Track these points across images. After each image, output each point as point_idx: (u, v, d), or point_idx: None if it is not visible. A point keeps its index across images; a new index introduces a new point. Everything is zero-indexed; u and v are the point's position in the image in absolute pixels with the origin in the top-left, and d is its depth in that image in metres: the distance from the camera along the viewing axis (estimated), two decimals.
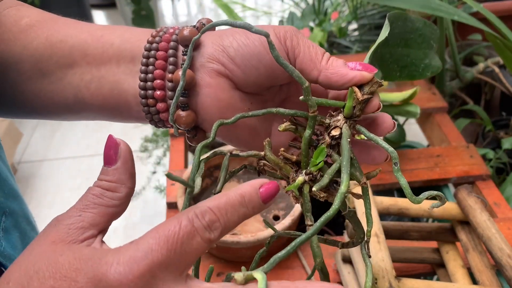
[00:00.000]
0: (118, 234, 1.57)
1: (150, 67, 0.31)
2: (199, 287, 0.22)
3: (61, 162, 1.90)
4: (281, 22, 1.46)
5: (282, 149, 0.31)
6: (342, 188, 0.27)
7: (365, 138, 0.31)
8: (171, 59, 0.31)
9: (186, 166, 0.84)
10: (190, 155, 0.93)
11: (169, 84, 0.32)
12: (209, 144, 0.32)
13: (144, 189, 1.60)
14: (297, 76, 0.28)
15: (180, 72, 0.30)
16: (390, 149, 0.29)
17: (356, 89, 0.30)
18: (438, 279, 0.59)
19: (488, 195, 0.73)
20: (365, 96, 0.31)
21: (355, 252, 0.55)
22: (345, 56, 1.10)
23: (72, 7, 2.48)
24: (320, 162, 0.30)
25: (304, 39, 0.31)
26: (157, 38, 0.32)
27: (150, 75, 0.31)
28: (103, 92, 0.34)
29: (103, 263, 0.21)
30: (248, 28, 0.27)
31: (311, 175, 0.30)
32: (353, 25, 1.52)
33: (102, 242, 0.25)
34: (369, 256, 0.32)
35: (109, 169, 0.27)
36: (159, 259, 0.21)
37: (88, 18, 2.61)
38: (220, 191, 0.30)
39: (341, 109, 0.32)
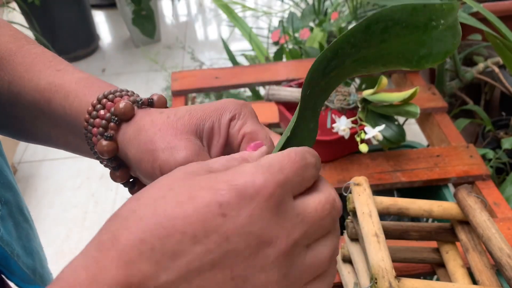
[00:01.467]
0: None
1: (94, 150, 0.34)
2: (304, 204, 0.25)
3: (61, 162, 1.91)
4: (280, 22, 1.46)
5: None
6: None
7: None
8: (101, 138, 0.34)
9: None
10: None
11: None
12: None
13: None
14: None
15: (116, 173, 0.34)
16: None
17: None
18: (438, 279, 0.59)
19: (488, 195, 0.73)
20: None
21: (355, 252, 0.55)
22: None
23: (72, 7, 2.48)
24: None
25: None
26: (89, 128, 0.33)
27: (97, 155, 0.34)
28: (71, 146, 0.38)
29: (242, 173, 0.23)
30: None
31: None
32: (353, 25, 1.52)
33: None
34: None
35: (252, 150, 0.29)
36: (290, 177, 0.24)
37: (88, 18, 2.62)
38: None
39: None
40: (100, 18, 3.09)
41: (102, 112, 0.33)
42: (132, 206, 0.22)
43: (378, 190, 0.81)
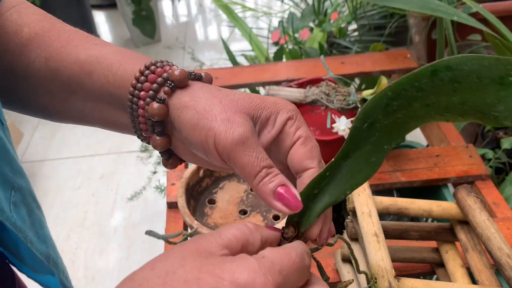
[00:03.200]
0: (118, 234, 1.57)
1: (136, 119, 0.35)
2: None
3: (62, 162, 1.91)
4: (280, 22, 1.46)
5: None
6: None
7: None
8: (149, 121, 0.34)
9: (186, 166, 0.85)
10: None
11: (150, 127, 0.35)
12: None
13: (145, 189, 1.60)
14: None
15: (156, 138, 0.35)
16: None
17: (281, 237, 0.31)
18: (437, 279, 0.59)
19: (487, 195, 0.74)
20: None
21: (355, 252, 0.55)
22: (345, 57, 1.10)
23: (72, 7, 2.48)
24: None
25: (242, 155, 0.31)
26: (136, 92, 0.34)
27: (138, 125, 0.35)
28: (107, 120, 0.38)
29: (245, 269, 0.24)
30: None
31: None
32: (353, 26, 1.52)
33: None
34: None
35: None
36: (287, 279, 0.25)
37: (88, 18, 2.61)
38: None
39: None
40: (100, 18, 3.09)
41: (152, 76, 0.33)
42: (146, 274, 0.25)
43: (378, 190, 0.81)
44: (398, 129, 0.30)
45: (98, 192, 1.76)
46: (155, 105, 0.33)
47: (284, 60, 1.34)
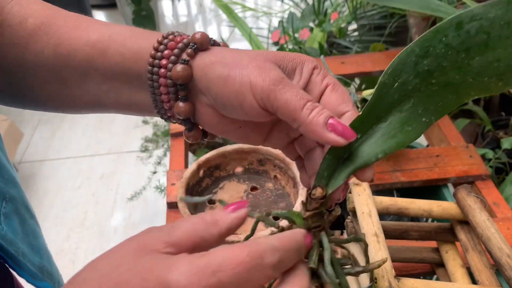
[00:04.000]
0: (118, 234, 1.57)
1: (157, 90, 0.34)
2: None
3: (62, 162, 1.91)
4: (280, 22, 1.46)
5: None
6: None
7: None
8: (171, 89, 0.34)
9: (186, 166, 0.84)
10: (190, 155, 0.93)
11: (172, 102, 0.34)
12: (209, 144, 0.33)
13: (145, 189, 1.60)
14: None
15: (179, 104, 0.33)
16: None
17: (301, 206, 0.30)
18: (437, 279, 0.59)
19: (487, 195, 0.74)
20: (308, 214, 0.30)
21: (355, 252, 0.55)
22: (345, 57, 1.10)
23: (72, 7, 2.47)
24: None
25: (283, 92, 0.30)
26: (156, 62, 0.33)
27: (158, 97, 0.34)
28: (122, 101, 0.37)
29: (174, 269, 0.23)
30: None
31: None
32: (353, 26, 1.52)
33: None
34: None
35: (228, 212, 0.27)
36: (224, 281, 0.23)
37: None
38: None
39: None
40: (100, 18, 3.07)
41: (172, 43, 0.33)
42: (86, 275, 0.24)
43: (378, 190, 0.81)
44: (435, 102, 0.28)
45: (98, 192, 1.76)
46: (179, 67, 0.32)
47: None
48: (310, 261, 0.29)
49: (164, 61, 0.33)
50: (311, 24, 1.49)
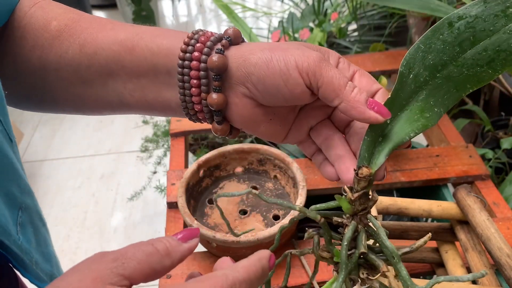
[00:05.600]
0: (118, 234, 1.57)
1: (186, 84, 0.34)
2: None
3: (62, 162, 1.91)
4: (280, 22, 1.46)
5: (319, 250, 0.35)
6: None
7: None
8: (203, 81, 0.34)
9: (186, 166, 0.85)
10: (190, 155, 0.93)
11: (204, 101, 0.34)
12: (209, 144, 0.33)
13: (145, 189, 1.60)
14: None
15: (213, 96, 0.33)
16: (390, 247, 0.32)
17: (347, 190, 0.32)
18: None
19: (487, 195, 0.74)
20: (357, 195, 0.32)
21: None
22: (345, 57, 1.10)
23: (72, 7, 2.47)
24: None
25: (327, 69, 0.31)
26: (187, 55, 0.33)
27: (187, 91, 0.34)
28: (147, 99, 0.36)
29: None
30: None
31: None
32: (353, 26, 1.52)
33: None
34: None
35: (179, 243, 0.27)
36: None
37: None
38: None
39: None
40: None
41: (203, 38, 0.33)
42: None
43: (378, 190, 0.81)
44: (442, 94, 0.32)
45: (98, 192, 1.76)
46: (215, 56, 0.32)
47: None
48: (360, 246, 0.31)
49: (196, 53, 0.33)
50: (311, 24, 1.49)
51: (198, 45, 0.33)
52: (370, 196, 0.33)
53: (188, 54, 0.33)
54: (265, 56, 0.32)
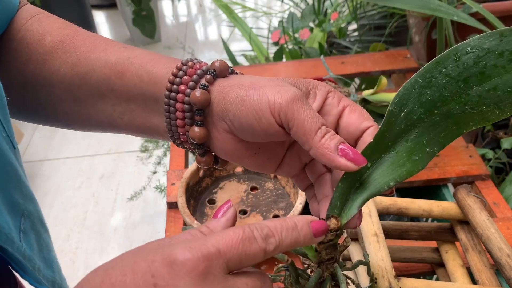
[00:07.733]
0: (118, 234, 1.57)
1: (172, 115, 0.34)
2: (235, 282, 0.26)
3: (62, 162, 1.91)
4: (280, 22, 1.46)
5: (289, 284, 0.35)
6: None
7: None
8: (187, 114, 0.34)
9: (186, 166, 0.85)
10: (190, 155, 0.93)
11: (188, 132, 0.35)
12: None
13: (145, 189, 1.60)
14: None
15: (195, 129, 0.34)
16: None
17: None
18: (437, 279, 0.59)
19: (487, 195, 0.74)
20: (322, 246, 0.31)
21: (354, 252, 0.55)
22: (345, 57, 1.10)
23: (72, 7, 2.48)
24: None
25: (300, 111, 0.30)
26: (174, 87, 0.34)
27: (173, 121, 0.35)
28: (136, 123, 0.37)
29: (177, 248, 0.25)
30: None
31: None
32: (353, 26, 1.52)
33: None
34: None
35: (214, 220, 0.29)
36: (223, 250, 0.25)
37: (88, 18, 2.61)
38: None
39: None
40: (100, 19, 3.09)
41: (191, 70, 0.34)
42: (90, 275, 0.26)
43: None
44: (438, 132, 0.30)
45: (98, 192, 1.76)
46: (198, 91, 0.32)
47: (284, 60, 1.34)
48: None
49: (182, 87, 0.33)
50: (311, 24, 1.49)
51: (185, 77, 0.34)
52: (338, 247, 0.32)
53: (175, 86, 0.34)
54: (242, 94, 0.32)
